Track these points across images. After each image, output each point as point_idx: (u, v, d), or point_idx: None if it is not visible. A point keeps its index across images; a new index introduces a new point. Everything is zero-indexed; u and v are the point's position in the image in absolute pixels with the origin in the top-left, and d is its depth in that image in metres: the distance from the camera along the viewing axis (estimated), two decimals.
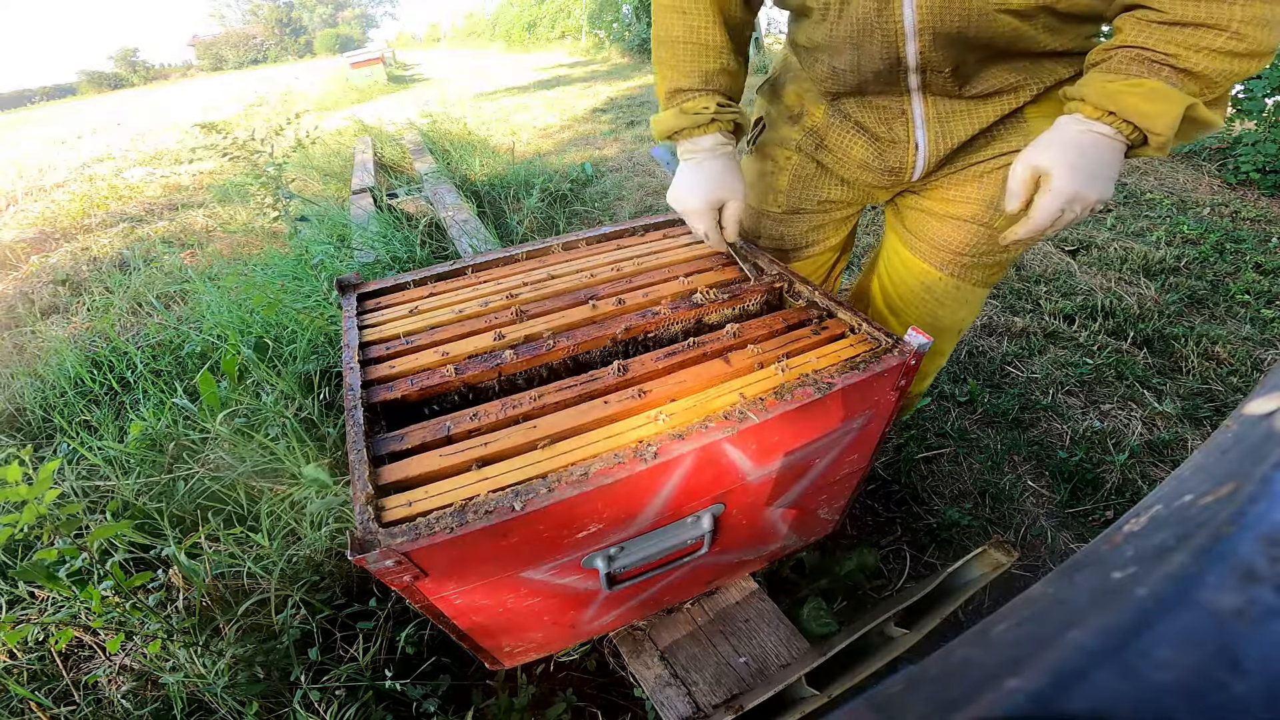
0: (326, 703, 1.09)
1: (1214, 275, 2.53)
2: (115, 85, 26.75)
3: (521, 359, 0.92)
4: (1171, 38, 0.73)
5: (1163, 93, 0.74)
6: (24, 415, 2.01)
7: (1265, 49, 0.72)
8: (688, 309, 1.00)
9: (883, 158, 1.04)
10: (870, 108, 1.01)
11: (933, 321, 1.17)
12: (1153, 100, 0.74)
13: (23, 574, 1.07)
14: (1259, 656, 0.17)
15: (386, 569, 0.66)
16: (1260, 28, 0.70)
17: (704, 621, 1.15)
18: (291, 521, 1.35)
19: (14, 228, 4.59)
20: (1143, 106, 0.74)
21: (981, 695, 0.19)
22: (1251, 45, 0.71)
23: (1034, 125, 0.96)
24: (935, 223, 1.09)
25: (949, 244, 1.08)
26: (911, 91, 0.94)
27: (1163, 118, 0.74)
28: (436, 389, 0.88)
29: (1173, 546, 0.22)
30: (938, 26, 0.81)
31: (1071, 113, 0.80)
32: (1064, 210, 0.80)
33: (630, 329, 0.97)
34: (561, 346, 0.94)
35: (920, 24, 0.82)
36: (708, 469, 0.80)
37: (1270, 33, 0.71)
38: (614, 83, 7.93)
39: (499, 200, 3.60)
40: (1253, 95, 3.36)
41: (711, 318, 1.03)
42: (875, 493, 1.61)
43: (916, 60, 0.87)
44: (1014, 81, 0.91)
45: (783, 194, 1.18)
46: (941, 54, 0.85)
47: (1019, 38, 0.82)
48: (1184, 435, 1.74)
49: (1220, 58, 0.72)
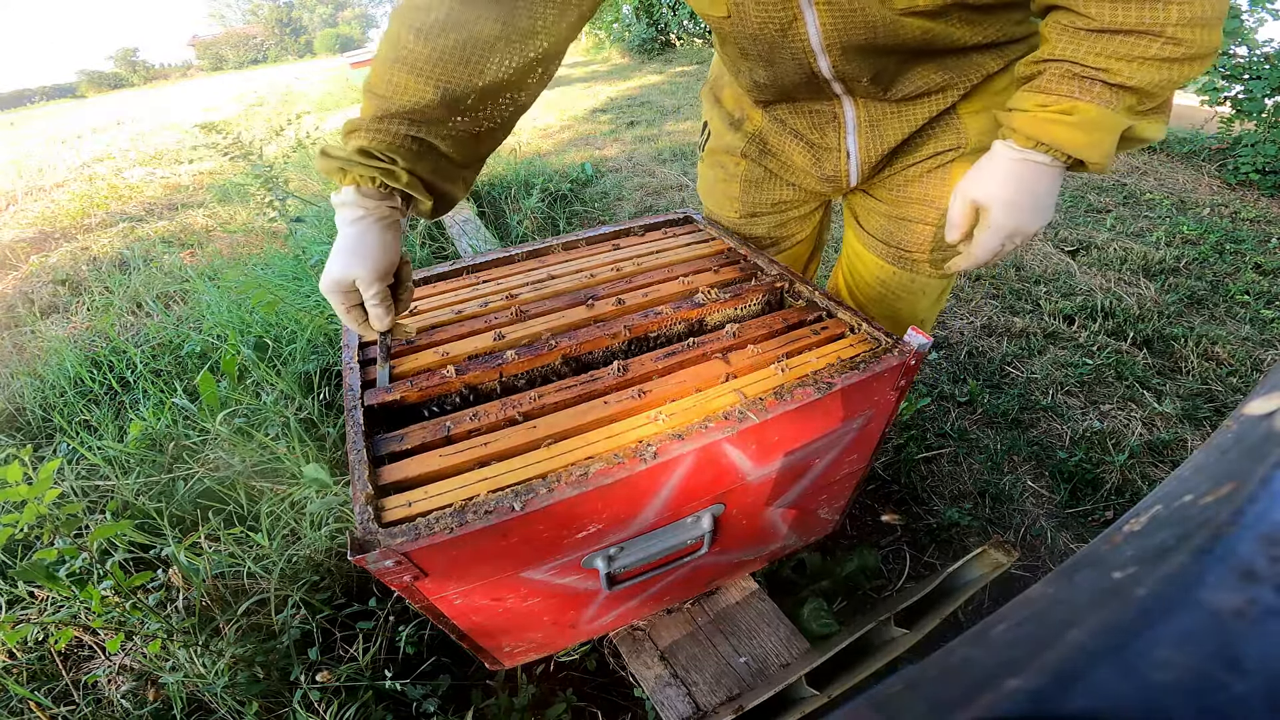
0: (326, 703, 1.09)
1: (1214, 275, 2.53)
2: (115, 85, 26.73)
3: (523, 359, 0.92)
4: (1102, 48, 0.67)
5: (1095, 120, 0.68)
6: (24, 415, 2.01)
7: (1206, 50, 0.65)
8: (689, 309, 1.00)
9: (820, 165, 1.05)
10: (803, 113, 1.00)
11: (892, 315, 1.17)
12: (1085, 130, 0.69)
13: (23, 574, 1.07)
14: (1259, 656, 0.17)
15: (386, 569, 0.66)
16: (1198, 28, 0.64)
17: (704, 621, 1.15)
18: (291, 521, 1.36)
19: (14, 227, 4.59)
20: (1076, 138, 0.69)
21: (981, 695, 0.19)
22: (1190, 49, 0.64)
23: (968, 123, 0.95)
24: (884, 220, 1.08)
25: (898, 241, 1.08)
26: (840, 96, 0.93)
27: (1096, 147, 0.69)
28: (436, 389, 0.88)
29: (1173, 546, 0.22)
30: (845, 41, 0.80)
31: (1005, 139, 0.76)
32: (1004, 244, 0.79)
33: (632, 329, 0.97)
34: (562, 346, 0.94)
35: (827, 40, 0.80)
36: (708, 469, 0.80)
37: (1209, 32, 0.64)
38: (614, 83, 7.93)
39: (499, 200, 3.60)
40: (1253, 96, 3.36)
41: (713, 318, 1.03)
42: (875, 493, 1.61)
43: (832, 72, 0.86)
44: (940, 81, 0.89)
45: (737, 200, 1.19)
46: (855, 65, 0.83)
47: (933, 38, 0.79)
48: (1184, 435, 1.74)
49: (1157, 66, 0.65)
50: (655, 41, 9.58)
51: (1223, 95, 3.62)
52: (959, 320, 2.31)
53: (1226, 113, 3.72)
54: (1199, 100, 3.86)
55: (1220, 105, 3.72)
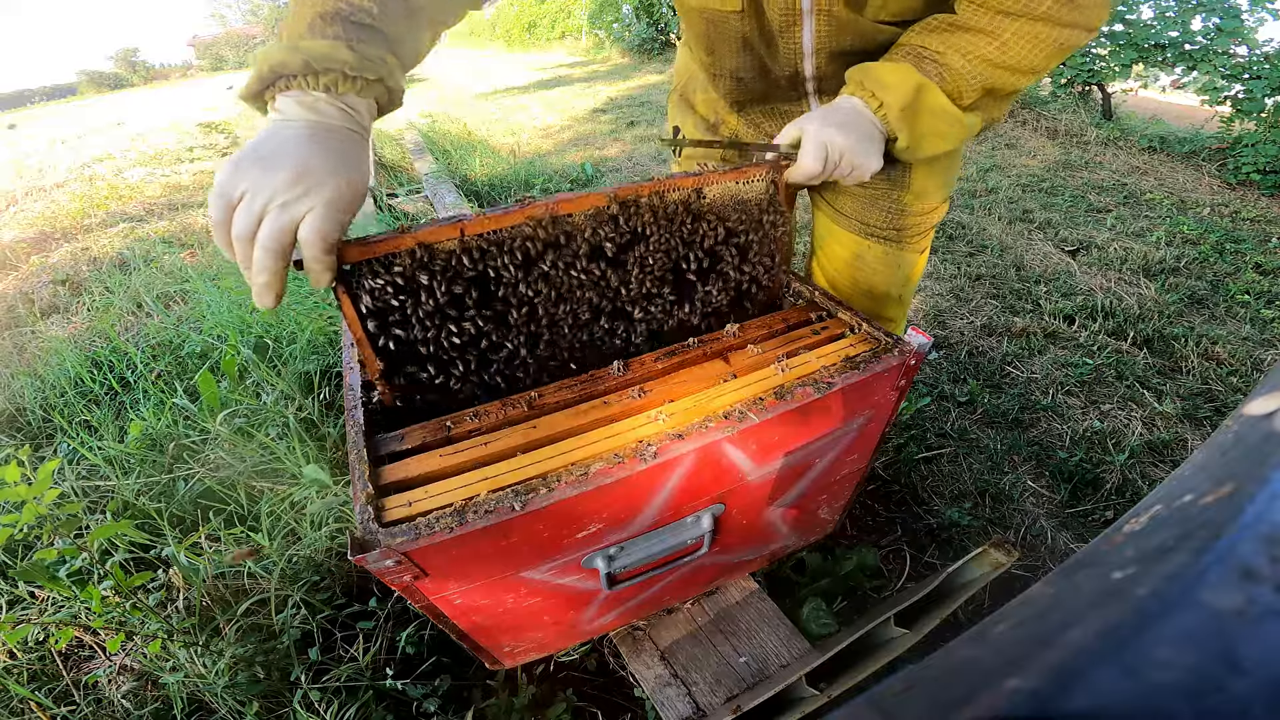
0: (326, 703, 1.09)
1: (1214, 275, 2.53)
2: (115, 85, 26.72)
3: (488, 217, 0.78)
4: (947, 40, 0.83)
5: (904, 71, 0.84)
6: (24, 415, 2.01)
7: (1027, 66, 0.81)
8: (684, 178, 0.88)
9: None
10: (775, 115, 1.11)
11: (868, 289, 1.21)
12: (893, 74, 0.84)
13: (23, 574, 1.07)
14: (1259, 656, 0.17)
15: (386, 569, 0.66)
16: (1029, 44, 0.79)
17: (704, 621, 1.15)
18: (291, 521, 1.36)
19: (14, 228, 4.59)
20: (884, 78, 0.85)
21: (981, 695, 0.19)
22: (1014, 59, 0.81)
23: None
24: (853, 201, 1.15)
25: (868, 219, 1.15)
26: (809, 95, 1.04)
27: (896, 89, 0.84)
28: (386, 247, 0.74)
29: (1173, 546, 0.22)
30: (832, 47, 0.92)
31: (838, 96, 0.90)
32: (826, 153, 0.86)
33: (620, 194, 0.84)
34: (533, 207, 0.79)
35: (817, 45, 0.92)
36: (708, 469, 0.80)
37: (1037, 50, 0.80)
38: (614, 83, 7.93)
39: (499, 200, 3.60)
40: (1253, 96, 3.36)
41: (711, 190, 0.91)
42: (875, 493, 1.61)
43: (813, 72, 0.98)
44: None
45: None
46: (833, 67, 0.95)
47: (892, 37, 0.90)
48: (1184, 435, 1.74)
49: (979, 63, 0.82)
50: (655, 41, 9.59)
51: (1223, 95, 3.62)
52: (959, 320, 2.31)
53: (1226, 112, 3.72)
54: (1199, 100, 3.86)
55: (1220, 105, 3.72)
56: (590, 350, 0.94)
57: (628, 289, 0.90)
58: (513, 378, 0.90)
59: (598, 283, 0.88)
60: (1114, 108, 4.58)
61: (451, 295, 0.79)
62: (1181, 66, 3.86)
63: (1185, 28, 3.82)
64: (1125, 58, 4.07)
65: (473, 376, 0.86)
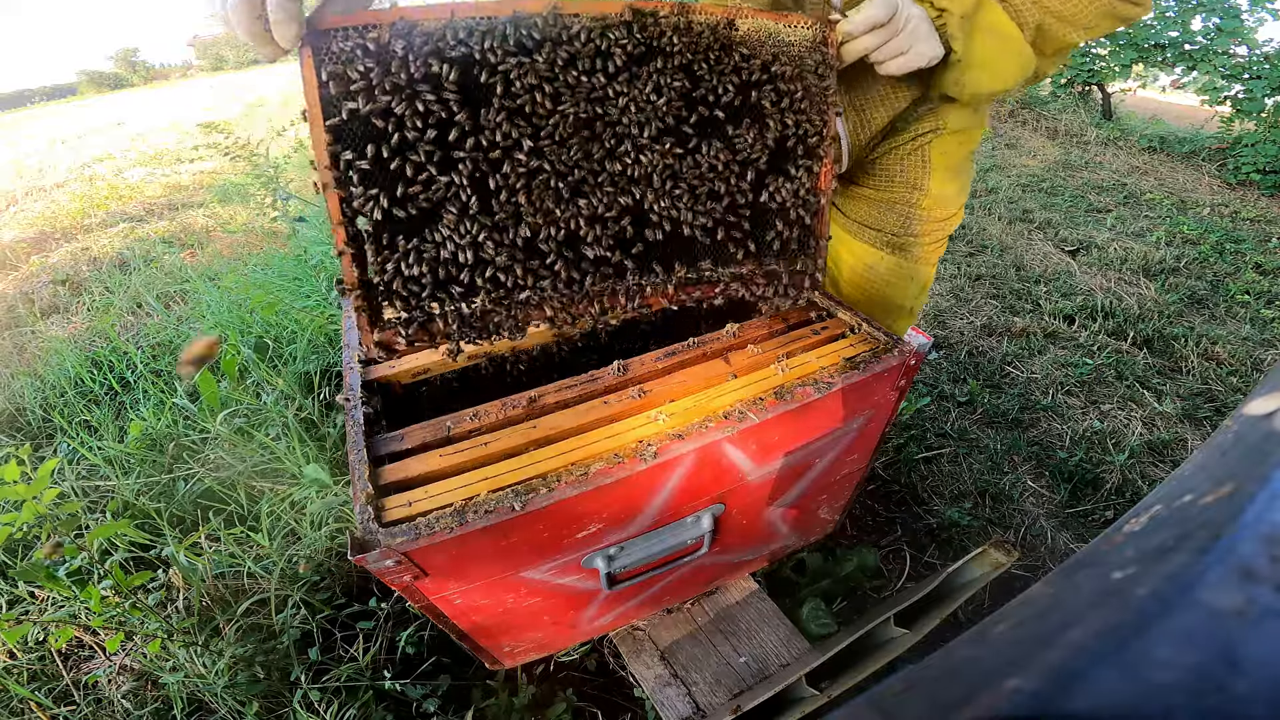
0: (326, 703, 1.09)
1: (1214, 275, 2.53)
2: (115, 85, 26.73)
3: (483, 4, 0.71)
4: None
5: None
6: (24, 415, 2.01)
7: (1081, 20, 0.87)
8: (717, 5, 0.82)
9: None
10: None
11: (882, 300, 1.21)
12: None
13: (23, 574, 1.07)
14: (1259, 656, 0.17)
15: (386, 569, 0.66)
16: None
17: (704, 621, 1.15)
18: (291, 521, 1.36)
19: (14, 228, 4.59)
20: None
21: (981, 695, 0.19)
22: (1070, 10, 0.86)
23: (945, 105, 1.02)
24: (868, 207, 1.15)
25: (883, 225, 1.14)
26: None
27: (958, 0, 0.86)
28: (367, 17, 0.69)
29: (1173, 546, 0.22)
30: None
31: None
32: (897, 8, 0.83)
33: (637, 3, 0.76)
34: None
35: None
36: (707, 469, 0.80)
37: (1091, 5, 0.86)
38: None
39: None
40: (1253, 96, 3.36)
41: (746, 24, 0.81)
42: (875, 493, 1.61)
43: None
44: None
45: None
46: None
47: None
48: (1184, 435, 1.74)
49: (1033, 3, 0.87)
50: None
51: (1223, 95, 3.62)
52: (959, 320, 2.31)
53: (1226, 112, 3.72)
54: (1199, 100, 3.86)
55: (1220, 105, 3.72)
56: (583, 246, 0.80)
57: (639, 128, 0.75)
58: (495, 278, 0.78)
59: (600, 103, 0.73)
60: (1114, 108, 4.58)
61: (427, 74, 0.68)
62: (1181, 66, 3.87)
63: (1185, 28, 3.83)
64: (1125, 58, 4.08)
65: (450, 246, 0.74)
